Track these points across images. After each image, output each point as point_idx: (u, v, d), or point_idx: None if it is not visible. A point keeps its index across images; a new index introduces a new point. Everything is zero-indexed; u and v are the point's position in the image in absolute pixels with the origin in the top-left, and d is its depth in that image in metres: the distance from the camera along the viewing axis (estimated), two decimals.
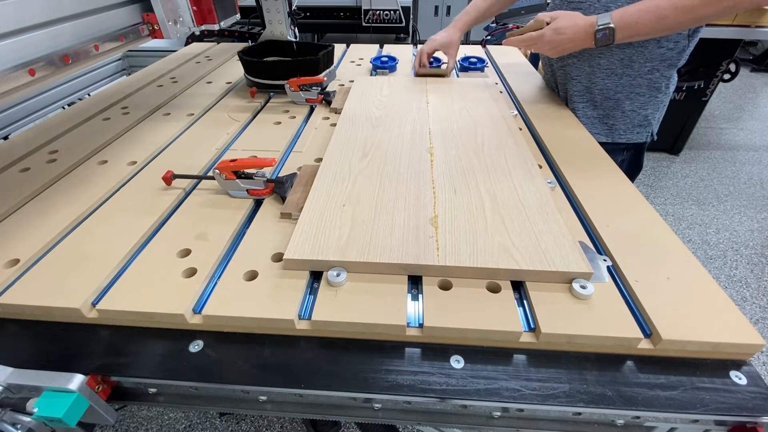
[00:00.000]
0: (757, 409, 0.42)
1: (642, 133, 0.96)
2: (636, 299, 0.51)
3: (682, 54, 0.88)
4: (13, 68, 0.61)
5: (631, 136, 0.96)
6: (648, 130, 0.96)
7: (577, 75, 0.97)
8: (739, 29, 2.22)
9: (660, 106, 0.94)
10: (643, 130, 0.95)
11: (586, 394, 0.44)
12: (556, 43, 0.85)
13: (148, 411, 1.41)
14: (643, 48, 0.87)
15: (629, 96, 0.92)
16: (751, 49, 4.45)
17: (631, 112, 0.94)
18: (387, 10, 2.17)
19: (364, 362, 0.47)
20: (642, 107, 0.93)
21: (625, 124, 0.95)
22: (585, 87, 0.97)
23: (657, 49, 0.86)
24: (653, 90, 0.91)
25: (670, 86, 0.92)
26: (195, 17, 1.02)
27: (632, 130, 0.96)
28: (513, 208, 0.62)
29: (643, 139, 0.96)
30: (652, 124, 0.95)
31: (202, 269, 0.54)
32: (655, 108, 0.93)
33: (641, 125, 0.95)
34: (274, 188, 0.69)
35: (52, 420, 0.42)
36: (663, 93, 0.92)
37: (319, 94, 1.04)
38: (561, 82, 1.04)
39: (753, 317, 1.72)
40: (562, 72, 1.02)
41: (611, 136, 0.97)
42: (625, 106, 0.93)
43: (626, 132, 0.96)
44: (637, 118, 0.94)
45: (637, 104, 0.93)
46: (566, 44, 0.84)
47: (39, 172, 0.75)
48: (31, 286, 0.52)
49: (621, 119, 0.95)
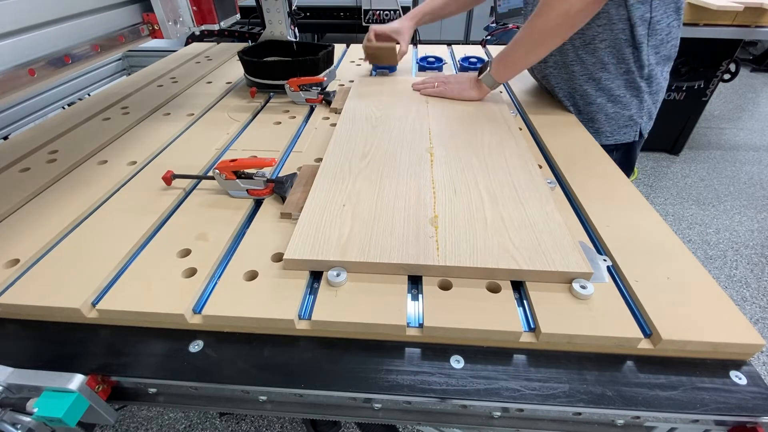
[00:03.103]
0: (757, 409, 0.42)
1: (628, 133, 0.96)
2: (636, 299, 0.51)
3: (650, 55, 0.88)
4: (13, 68, 0.61)
5: (619, 137, 0.97)
6: (634, 130, 0.96)
7: (557, 83, 1.00)
8: (739, 29, 2.22)
9: (645, 105, 0.94)
10: (630, 130, 0.96)
11: (586, 394, 0.44)
12: (453, 82, 1.03)
13: (148, 411, 1.41)
14: (614, 50, 0.88)
15: (610, 99, 0.94)
16: (751, 49, 4.46)
17: (615, 113, 0.94)
18: (387, 10, 2.17)
19: (364, 362, 0.47)
20: (625, 108, 0.94)
21: (611, 126, 0.96)
22: (567, 93, 0.99)
23: (626, 48, 0.87)
24: (633, 90, 0.92)
25: (653, 84, 0.92)
26: (195, 17, 1.02)
27: (618, 131, 0.96)
28: (513, 208, 0.62)
29: (630, 138, 0.97)
30: (638, 123, 0.95)
31: (202, 269, 0.54)
32: (640, 108, 0.94)
33: (627, 125, 0.96)
34: (274, 188, 0.69)
35: (52, 420, 0.42)
36: (646, 92, 0.92)
37: (319, 94, 1.04)
38: (548, 90, 1.06)
39: (753, 317, 1.72)
40: (546, 81, 1.04)
41: (598, 139, 0.97)
42: (608, 108, 0.94)
43: (613, 134, 0.97)
44: (621, 119, 0.95)
45: (619, 106, 0.94)
46: (457, 81, 1.02)
47: (39, 172, 0.75)
48: (31, 286, 0.52)
49: (605, 122, 0.96)
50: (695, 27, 2.22)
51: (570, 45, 0.93)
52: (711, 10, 2.14)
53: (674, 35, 0.88)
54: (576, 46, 0.92)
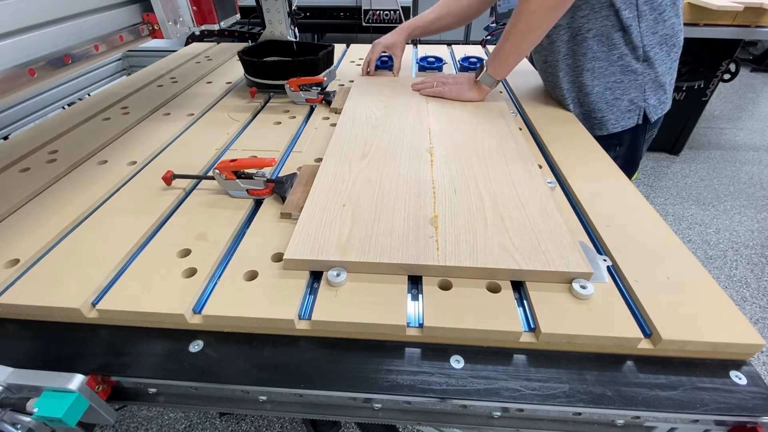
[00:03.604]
0: (757, 409, 0.42)
1: (632, 117, 0.97)
2: (636, 299, 0.51)
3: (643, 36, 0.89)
4: (13, 68, 0.61)
5: (624, 123, 0.97)
6: (637, 113, 0.96)
7: (556, 81, 1.02)
8: (739, 29, 2.22)
9: (645, 87, 0.94)
10: (632, 114, 0.96)
11: (586, 394, 0.44)
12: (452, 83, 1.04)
13: (148, 411, 1.41)
14: (603, 37, 0.90)
15: (607, 86, 0.95)
16: (751, 49, 4.46)
17: (614, 100, 0.95)
18: (387, 10, 2.17)
19: (364, 362, 0.47)
20: (624, 93, 0.95)
21: (614, 113, 0.97)
22: (567, 89, 1.00)
23: (614, 33, 0.89)
24: (630, 74, 0.93)
25: (655, 65, 0.92)
26: (195, 17, 1.02)
27: (622, 117, 0.97)
28: (513, 208, 0.62)
29: (634, 122, 0.97)
30: (640, 106, 0.96)
31: (202, 269, 0.54)
32: (640, 90, 0.94)
33: (629, 110, 0.96)
34: (274, 188, 0.69)
35: (52, 420, 0.42)
36: (645, 74, 0.93)
37: (319, 94, 1.04)
38: (552, 89, 1.07)
39: (753, 317, 1.72)
40: (548, 82, 1.06)
41: (605, 130, 0.98)
42: (607, 96, 0.95)
43: (618, 120, 0.97)
44: (622, 104, 0.96)
45: (618, 92, 0.95)
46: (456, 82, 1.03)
47: (39, 172, 0.75)
48: (31, 286, 0.52)
49: (608, 110, 0.97)
50: (695, 27, 2.22)
51: (559, 41, 0.95)
52: (711, 10, 2.14)
53: (670, 14, 0.89)
54: (565, 40, 0.94)
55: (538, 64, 1.12)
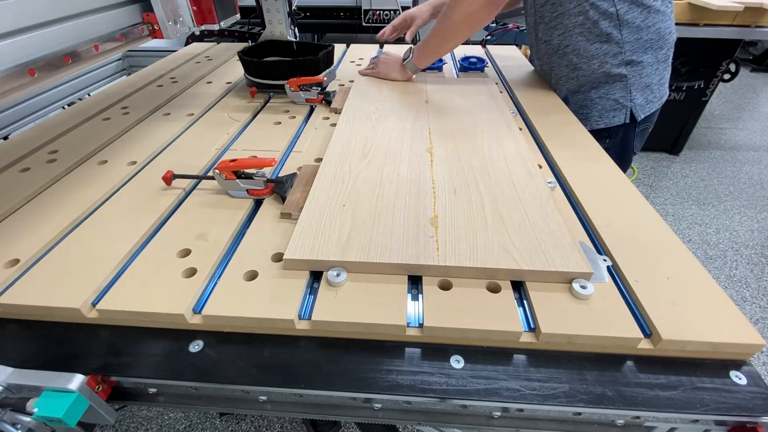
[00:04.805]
0: (757, 409, 0.42)
1: (617, 116, 0.98)
2: (636, 299, 0.51)
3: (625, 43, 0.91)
4: (13, 68, 0.61)
5: (608, 121, 0.99)
6: (623, 113, 0.98)
7: (553, 87, 1.08)
8: (739, 29, 2.22)
9: (631, 88, 0.95)
10: (618, 113, 0.98)
11: (586, 394, 0.44)
12: (382, 64, 1.15)
13: (148, 411, 1.41)
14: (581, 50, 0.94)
15: (593, 87, 0.99)
16: (751, 49, 4.46)
17: (599, 98, 0.98)
18: (387, 10, 2.17)
19: (364, 362, 0.47)
20: (609, 92, 0.97)
21: (597, 110, 1.00)
22: (563, 97, 1.05)
23: (593, 45, 0.92)
24: (613, 78, 0.95)
25: (642, 67, 0.93)
26: (195, 17, 1.03)
27: (606, 114, 0.99)
28: (513, 208, 0.62)
29: (620, 121, 0.98)
30: (626, 106, 0.97)
31: (202, 269, 0.54)
32: (626, 91, 0.96)
33: (615, 109, 0.98)
34: (274, 188, 0.69)
35: (52, 420, 0.42)
36: (628, 78, 0.94)
37: (319, 94, 1.04)
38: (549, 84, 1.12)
39: (753, 317, 1.72)
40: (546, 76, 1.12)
41: (588, 125, 1.00)
42: (592, 94, 0.99)
43: (602, 117, 1.00)
44: (607, 103, 0.98)
45: (603, 91, 0.98)
46: (385, 66, 1.14)
47: (39, 172, 0.75)
48: (31, 286, 0.52)
49: (592, 106, 1.00)
50: (695, 27, 2.22)
51: (545, 53, 1.02)
52: (711, 10, 2.14)
53: (655, 19, 0.89)
54: (549, 53, 1.01)
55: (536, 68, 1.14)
